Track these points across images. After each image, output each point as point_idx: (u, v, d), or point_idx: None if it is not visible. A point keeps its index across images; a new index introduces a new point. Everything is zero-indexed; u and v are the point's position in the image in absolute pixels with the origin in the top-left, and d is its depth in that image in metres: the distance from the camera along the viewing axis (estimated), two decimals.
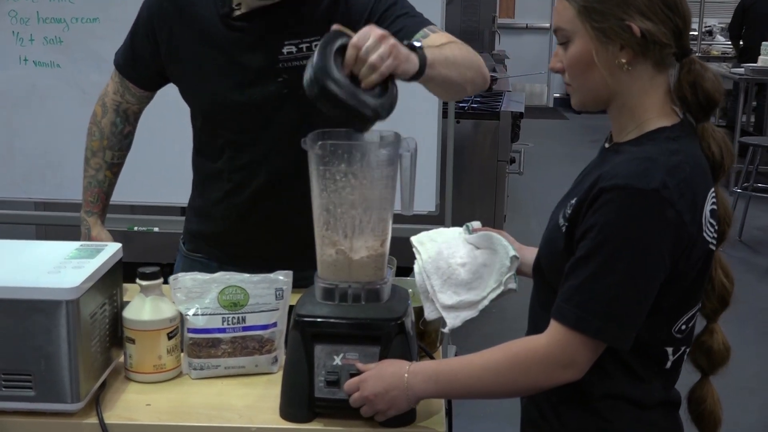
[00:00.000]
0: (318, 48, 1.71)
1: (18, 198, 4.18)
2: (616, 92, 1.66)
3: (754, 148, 7.01)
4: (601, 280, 1.56)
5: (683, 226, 1.56)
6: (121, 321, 1.88)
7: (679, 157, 1.59)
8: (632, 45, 1.61)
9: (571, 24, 1.65)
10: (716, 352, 1.77)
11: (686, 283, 1.63)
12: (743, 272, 6.45)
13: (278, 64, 2.20)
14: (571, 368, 1.59)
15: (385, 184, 1.77)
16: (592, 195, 1.58)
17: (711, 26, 13.14)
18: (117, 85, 2.43)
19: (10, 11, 3.90)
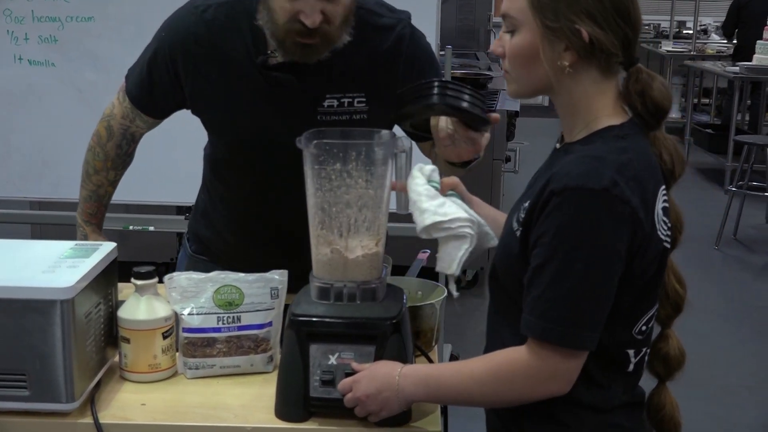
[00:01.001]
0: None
1: (13, 197, 4.18)
2: (557, 91, 1.65)
3: (748, 147, 7.01)
4: (559, 286, 1.54)
5: (638, 222, 1.55)
6: (116, 320, 1.88)
7: (628, 155, 1.58)
8: (578, 49, 1.60)
9: (521, 14, 1.62)
10: (672, 358, 1.76)
11: (643, 282, 1.61)
12: (738, 271, 6.46)
13: (317, 116, 2.15)
14: (554, 380, 1.58)
15: (380, 183, 1.77)
16: (543, 198, 1.56)
17: (706, 25, 13.15)
18: (127, 111, 2.32)
19: (5, 10, 3.90)
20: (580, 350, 1.57)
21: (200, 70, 2.18)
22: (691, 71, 10.67)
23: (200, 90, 2.21)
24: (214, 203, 2.41)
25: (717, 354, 4.98)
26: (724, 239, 6.91)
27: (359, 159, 1.75)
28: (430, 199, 1.79)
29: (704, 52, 11.43)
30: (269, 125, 2.18)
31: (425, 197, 1.79)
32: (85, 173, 2.41)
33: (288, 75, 2.13)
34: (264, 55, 2.12)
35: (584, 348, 1.57)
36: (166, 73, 2.22)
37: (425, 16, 3.78)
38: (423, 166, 1.84)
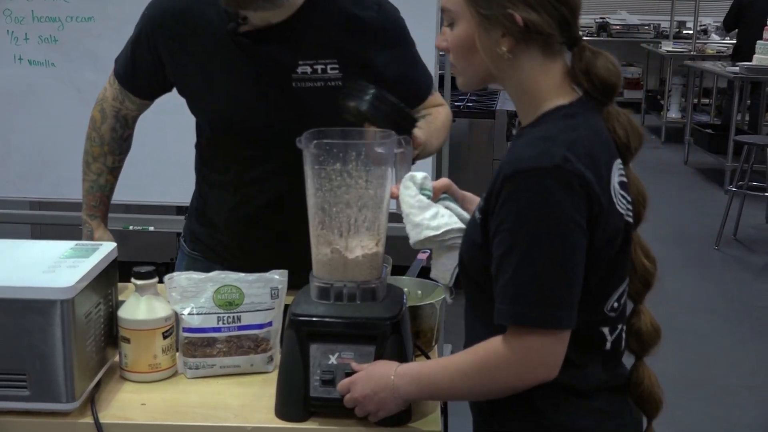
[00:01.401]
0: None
1: (13, 197, 4.18)
2: (502, 78, 1.66)
3: (748, 147, 7.01)
4: (527, 269, 1.53)
5: (594, 195, 1.54)
6: (116, 320, 1.88)
7: (577, 132, 1.58)
8: (514, 34, 1.60)
9: (457, 6, 1.64)
10: (645, 334, 1.73)
11: (608, 259, 1.61)
12: (738, 271, 6.46)
13: (292, 83, 2.19)
14: (540, 366, 1.56)
15: (380, 183, 1.77)
16: (497, 185, 1.56)
17: (706, 25, 13.15)
18: (116, 92, 2.39)
19: (5, 10, 3.90)
20: (559, 330, 1.55)
21: (179, 45, 2.24)
22: (691, 71, 10.68)
23: (181, 65, 2.26)
24: (205, 195, 2.43)
25: (717, 354, 4.98)
26: (724, 239, 6.90)
27: (359, 159, 1.75)
28: (423, 211, 1.81)
29: (704, 52, 11.44)
30: (246, 94, 2.21)
31: (417, 209, 1.81)
32: (85, 164, 2.44)
33: (257, 41, 2.17)
34: (234, 23, 2.16)
35: (563, 327, 1.55)
36: (147, 52, 2.29)
37: (425, 17, 3.79)
38: (414, 174, 1.84)
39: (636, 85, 13.08)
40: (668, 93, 11.45)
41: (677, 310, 5.41)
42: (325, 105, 2.10)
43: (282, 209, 2.29)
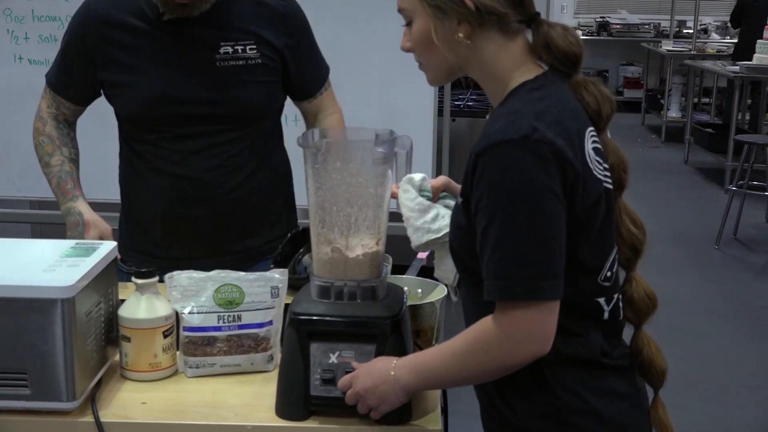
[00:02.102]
0: None
1: (13, 196, 4.19)
2: (466, 66, 1.67)
3: (748, 146, 7.01)
4: (507, 242, 1.52)
5: (566, 160, 1.53)
6: (117, 319, 1.88)
7: (544, 103, 1.58)
8: (468, 19, 1.61)
9: (410, 3, 1.66)
10: (639, 301, 1.72)
11: (595, 228, 1.60)
12: (739, 270, 6.46)
13: (216, 63, 2.38)
14: (532, 341, 1.55)
15: (380, 182, 1.77)
16: (470, 165, 1.57)
17: (706, 24, 13.15)
18: (50, 101, 2.53)
19: (5, 9, 3.91)
20: (546, 301, 1.54)
21: (107, 41, 2.39)
22: (692, 71, 10.68)
23: (112, 60, 2.40)
24: (135, 200, 2.51)
25: (717, 353, 4.98)
26: (724, 239, 6.90)
27: (359, 158, 1.75)
28: (423, 214, 1.82)
29: (704, 51, 11.43)
30: (175, 76, 2.38)
31: (417, 213, 1.82)
32: (45, 165, 2.51)
33: (179, 27, 2.36)
34: (155, 13, 2.36)
35: (549, 297, 1.54)
36: (77, 56, 2.45)
37: None
38: (412, 176, 1.85)
39: (636, 84, 13.09)
40: (668, 92, 11.45)
41: (677, 310, 5.41)
42: (246, 80, 2.39)
43: (213, 187, 2.43)
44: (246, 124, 2.44)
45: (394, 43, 3.99)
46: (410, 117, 3.81)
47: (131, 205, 2.53)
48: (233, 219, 2.48)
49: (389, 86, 3.88)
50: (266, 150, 2.52)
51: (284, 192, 2.63)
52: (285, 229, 2.53)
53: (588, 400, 1.64)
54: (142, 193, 2.48)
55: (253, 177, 2.48)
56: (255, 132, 2.47)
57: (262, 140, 2.50)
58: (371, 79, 3.88)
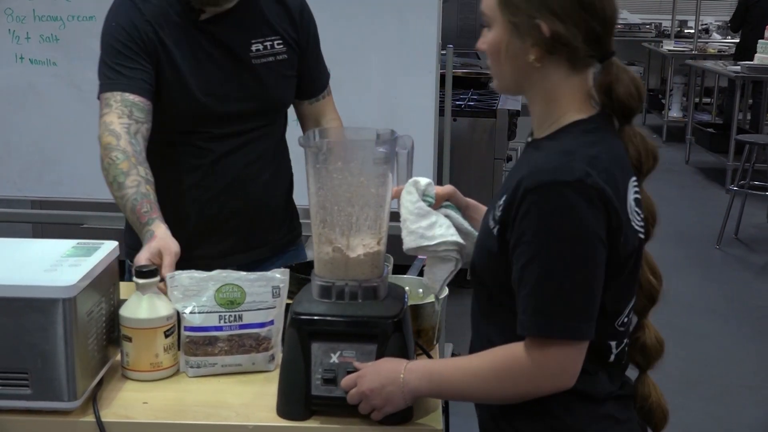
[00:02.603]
0: None
1: (14, 196, 4.18)
2: (526, 85, 1.67)
3: (750, 146, 7.01)
4: (549, 281, 1.55)
5: (613, 210, 1.56)
6: (118, 319, 1.88)
7: (597, 148, 1.59)
8: (541, 44, 1.61)
9: (491, 11, 1.65)
10: (650, 347, 1.76)
11: (624, 275, 1.63)
12: (739, 270, 6.46)
13: (251, 60, 2.42)
14: (560, 376, 1.58)
15: (381, 182, 1.77)
16: (518, 197, 1.57)
17: (707, 24, 13.14)
18: (120, 109, 2.28)
19: (6, 9, 3.90)
20: (581, 341, 1.57)
21: (157, 35, 2.37)
22: (693, 70, 10.68)
23: (160, 55, 2.37)
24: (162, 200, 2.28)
25: (717, 353, 4.98)
26: (725, 239, 6.90)
27: (361, 158, 1.75)
28: (420, 219, 1.81)
29: (706, 51, 11.42)
30: (215, 76, 2.41)
31: (414, 216, 1.82)
32: (117, 187, 2.21)
33: (217, 27, 2.40)
34: (195, 14, 2.38)
35: (584, 338, 1.58)
36: (135, 46, 2.35)
37: (426, 15, 3.79)
38: (418, 180, 1.84)
39: None
40: (669, 92, 11.44)
41: (678, 310, 5.41)
42: (278, 76, 2.46)
43: (246, 185, 2.47)
44: (275, 119, 2.54)
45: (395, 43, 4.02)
46: (411, 117, 3.80)
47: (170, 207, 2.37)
48: (262, 213, 2.54)
49: (390, 86, 3.87)
50: (284, 144, 2.60)
51: (291, 192, 2.68)
52: (294, 225, 2.67)
53: (590, 425, 1.67)
54: (171, 194, 2.40)
55: (278, 170, 2.58)
56: (279, 126, 2.57)
57: (281, 134, 2.59)
58: (372, 79, 3.87)
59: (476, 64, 7.14)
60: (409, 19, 3.80)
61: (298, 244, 2.69)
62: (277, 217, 2.59)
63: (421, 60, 3.82)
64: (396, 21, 3.80)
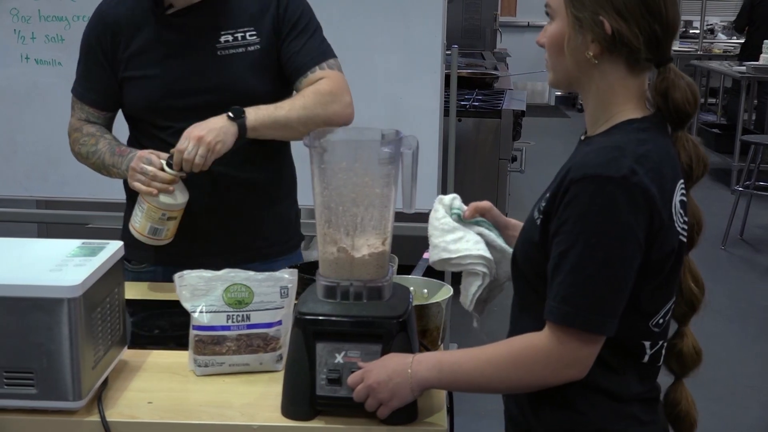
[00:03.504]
0: None
1: (20, 196, 4.19)
2: (585, 82, 1.68)
3: (755, 147, 7.00)
4: (581, 272, 1.56)
5: (656, 210, 1.57)
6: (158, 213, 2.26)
7: (647, 146, 1.60)
8: (601, 41, 1.62)
9: (556, 4, 1.67)
10: (687, 356, 1.78)
11: (662, 275, 1.64)
12: (745, 271, 6.45)
13: (217, 52, 2.42)
14: (575, 366, 1.60)
15: (386, 182, 1.77)
16: (563, 187, 1.59)
17: (713, 24, 13.13)
18: (79, 112, 2.55)
19: (12, 9, 3.90)
20: (599, 335, 1.59)
21: (119, 41, 2.45)
22: (698, 71, 10.66)
23: (124, 59, 2.45)
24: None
25: (723, 353, 4.97)
26: (731, 239, 6.90)
27: (366, 158, 1.75)
28: (445, 234, 1.85)
29: (711, 51, 11.41)
30: (177, 69, 2.43)
31: (439, 231, 1.86)
32: (94, 156, 2.49)
33: (183, 19, 2.43)
34: (161, 8, 2.43)
35: (604, 333, 1.59)
36: (95, 61, 2.48)
37: (431, 16, 3.79)
38: (442, 197, 1.90)
39: None
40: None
41: None
42: (246, 67, 2.43)
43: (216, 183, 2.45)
44: None
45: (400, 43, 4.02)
46: (416, 117, 3.81)
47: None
48: (242, 215, 2.50)
49: (395, 86, 3.88)
50: (273, 147, 2.51)
51: (291, 195, 2.64)
52: (290, 235, 2.60)
53: (613, 423, 1.68)
54: None
55: (265, 170, 2.53)
56: None
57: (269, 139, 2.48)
58: (377, 80, 3.88)
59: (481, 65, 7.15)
60: (413, 19, 3.80)
61: (293, 254, 2.63)
62: (267, 220, 2.55)
63: (426, 60, 3.83)
64: (401, 21, 3.81)
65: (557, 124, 11.99)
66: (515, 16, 13.32)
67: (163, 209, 2.30)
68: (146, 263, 2.51)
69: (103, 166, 2.47)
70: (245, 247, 2.51)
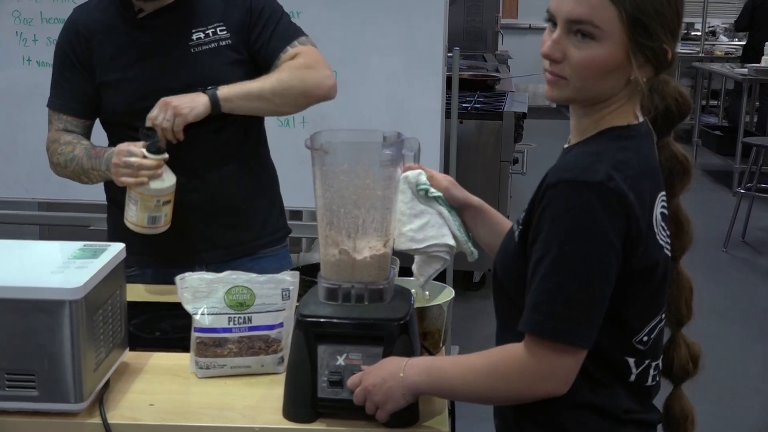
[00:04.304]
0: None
1: (22, 198, 4.19)
2: (600, 99, 1.61)
3: (757, 149, 7.00)
4: (553, 280, 1.52)
5: (633, 217, 1.52)
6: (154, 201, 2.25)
7: (627, 154, 1.57)
8: (656, 65, 1.59)
9: (608, 26, 1.54)
10: (679, 365, 1.76)
11: (645, 290, 1.60)
12: (747, 273, 6.45)
13: (191, 49, 2.45)
14: (551, 380, 1.55)
15: (387, 184, 1.77)
16: (539, 194, 1.56)
17: (714, 26, 13.12)
18: (57, 125, 2.52)
19: (14, 11, 3.91)
20: (574, 347, 1.54)
21: (92, 48, 2.48)
22: (700, 73, 10.65)
23: (99, 65, 2.48)
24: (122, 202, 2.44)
25: (724, 355, 4.97)
26: (732, 241, 6.89)
27: (367, 160, 1.75)
28: (413, 219, 1.85)
29: (712, 53, 11.41)
30: (152, 70, 2.45)
31: (407, 217, 1.85)
32: (71, 161, 2.47)
33: (154, 21, 2.45)
34: (131, 12, 2.46)
35: (578, 344, 1.54)
36: (72, 68, 2.50)
37: (433, 17, 3.79)
38: (407, 175, 1.85)
39: None
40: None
41: None
42: (219, 63, 2.45)
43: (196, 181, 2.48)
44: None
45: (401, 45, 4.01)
46: (418, 119, 3.80)
47: (118, 208, 2.47)
48: (226, 209, 2.53)
49: (397, 88, 3.88)
50: (257, 136, 2.60)
51: (273, 188, 2.68)
52: (276, 228, 2.64)
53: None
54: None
55: (247, 164, 2.57)
56: (240, 117, 2.46)
57: (247, 125, 2.55)
58: (379, 81, 3.88)
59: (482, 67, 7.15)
60: (415, 21, 3.80)
61: (279, 247, 2.65)
62: (248, 214, 2.58)
63: (428, 62, 3.82)
64: (403, 23, 3.81)
65: (559, 126, 12.00)
66: (517, 18, 13.32)
67: (156, 195, 2.31)
68: (134, 267, 2.48)
69: (82, 171, 2.46)
70: (231, 243, 2.54)
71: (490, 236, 1.89)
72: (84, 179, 2.48)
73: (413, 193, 1.84)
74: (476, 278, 5.48)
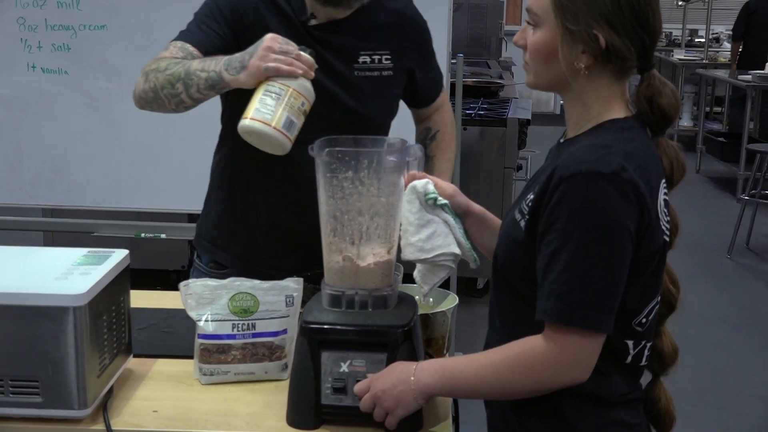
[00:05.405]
0: None
1: (26, 204, 4.20)
2: (570, 89, 1.68)
3: (761, 155, 7.00)
4: (576, 269, 1.55)
5: (645, 206, 1.57)
6: None
7: (634, 144, 1.61)
8: (594, 53, 1.62)
9: (544, 12, 1.65)
10: (666, 354, 1.78)
11: (647, 274, 1.63)
12: (751, 280, 6.44)
13: (354, 72, 2.34)
14: (575, 367, 1.58)
15: (392, 191, 1.77)
16: (551, 186, 1.58)
17: (718, 33, 13.13)
18: (173, 51, 2.22)
19: (19, 18, 3.92)
20: (599, 333, 1.58)
21: (253, 31, 2.20)
22: (703, 79, 10.66)
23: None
24: (238, 202, 2.40)
25: (728, 363, 4.97)
26: (737, 248, 6.89)
27: (371, 167, 1.75)
28: (420, 229, 1.84)
29: (716, 60, 11.41)
30: (316, 83, 2.09)
31: (415, 227, 1.84)
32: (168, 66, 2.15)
33: (326, 33, 2.32)
34: (305, 16, 2.30)
35: (603, 330, 1.58)
36: (222, 22, 2.27)
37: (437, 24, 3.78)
38: (416, 185, 1.85)
39: None
40: (680, 101, 11.39)
41: (689, 319, 5.39)
42: (377, 93, 2.36)
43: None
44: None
45: None
46: None
47: (232, 207, 2.41)
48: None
49: None
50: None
51: None
52: None
53: (598, 429, 1.68)
54: (249, 198, 2.40)
55: None
56: None
57: None
58: None
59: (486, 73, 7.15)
60: None
61: None
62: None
63: None
64: None
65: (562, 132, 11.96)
66: (520, 25, 13.29)
67: (305, 96, 2.01)
68: (230, 267, 2.41)
69: (185, 74, 2.12)
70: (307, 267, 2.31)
71: (492, 242, 1.90)
72: (178, 88, 2.12)
73: (421, 203, 1.84)
74: (480, 285, 5.48)
